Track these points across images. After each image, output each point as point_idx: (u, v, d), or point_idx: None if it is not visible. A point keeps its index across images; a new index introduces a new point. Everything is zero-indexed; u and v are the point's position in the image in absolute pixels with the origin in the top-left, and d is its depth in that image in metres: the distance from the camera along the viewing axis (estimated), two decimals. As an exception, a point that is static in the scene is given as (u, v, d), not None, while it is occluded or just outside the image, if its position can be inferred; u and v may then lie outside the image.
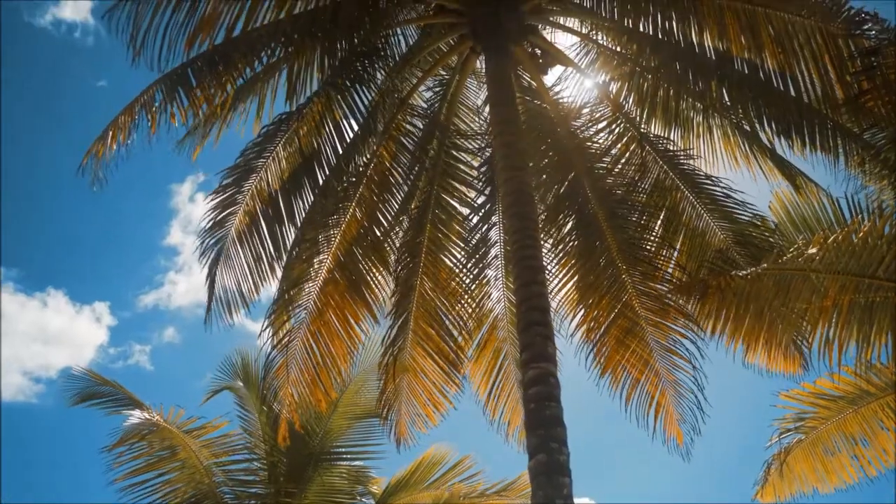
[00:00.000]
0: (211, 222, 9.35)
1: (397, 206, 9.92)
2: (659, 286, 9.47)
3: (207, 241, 9.42)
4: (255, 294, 9.57)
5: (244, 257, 9.50)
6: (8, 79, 23.98)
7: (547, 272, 9.13)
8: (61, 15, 25.30)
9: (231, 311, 9.55)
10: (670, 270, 9.58)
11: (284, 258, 9.60)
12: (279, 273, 9.61)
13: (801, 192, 9.10)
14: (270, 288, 9.79)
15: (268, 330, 9.54)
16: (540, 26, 9.32)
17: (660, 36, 8.68)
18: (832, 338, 7.44)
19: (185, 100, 8.32)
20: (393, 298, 9.97)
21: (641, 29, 8.80)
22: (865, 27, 7.64)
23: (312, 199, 9.53)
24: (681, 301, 9.31)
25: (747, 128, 9.01)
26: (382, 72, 9.27)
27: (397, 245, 10.07)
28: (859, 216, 7.63)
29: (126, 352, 29.47)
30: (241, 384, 13.22)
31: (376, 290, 9.95)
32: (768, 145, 9.08)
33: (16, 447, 23.68)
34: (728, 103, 8.77)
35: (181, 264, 29.63)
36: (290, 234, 9.62)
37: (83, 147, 8.64)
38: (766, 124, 8.55)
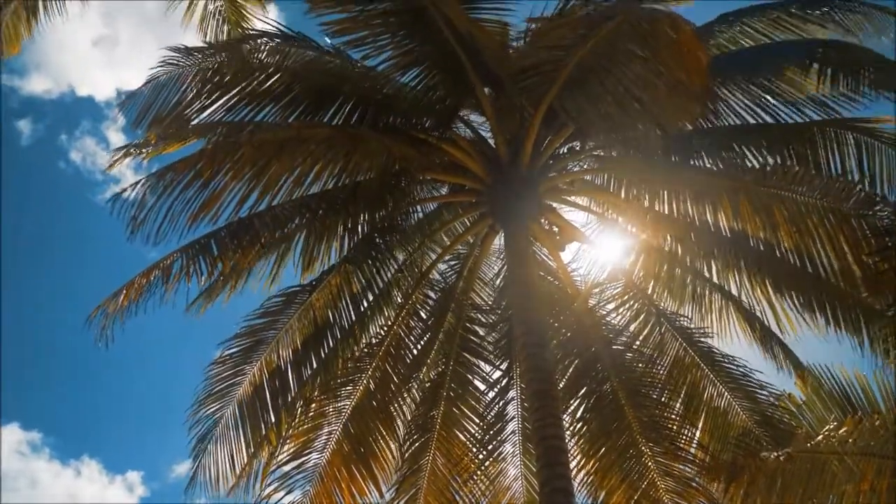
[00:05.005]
0: (208, 393, 9.24)
1: (411, 379, 9.75)
2: (682, 467, 9.14)
3: (203, 411, 9.26)
4: (249, 466, 9.27)
5: (242, 427, 9.26)
6: (66, 249, 25.43)
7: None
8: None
9: (220, 484, 9.24)
10: (693, 451, 9.28)
11: (287, 428, 9.36)
12: (279, 443, 9.41)
13: (805, 385, 8.91)
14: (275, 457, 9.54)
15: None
16: (556, 205, 9.51)
17: (675, 215, 8.88)
18: (876, 526, 7.02)
19: (205, 268, 8.36)
20: (401, 473, 9.68)
21: (656, 208, 8.99)
22: (877, 208, 7.82)
23: (323, 368, 9.38)
24: (705, 484, 8.97)
25: (763, 317, 9.04)
26: (402, 247, 9.39)
27: (408, 417, 9.82)
28: (890, 395, 7.42)
29: (155, 526, 28.26)
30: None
31: (384, 463, 9.64)
32: (778, 334, 9.11)
33: None
34: (748, 283, 8.80)
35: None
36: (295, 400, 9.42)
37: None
38: (786, 300, 8.58)
